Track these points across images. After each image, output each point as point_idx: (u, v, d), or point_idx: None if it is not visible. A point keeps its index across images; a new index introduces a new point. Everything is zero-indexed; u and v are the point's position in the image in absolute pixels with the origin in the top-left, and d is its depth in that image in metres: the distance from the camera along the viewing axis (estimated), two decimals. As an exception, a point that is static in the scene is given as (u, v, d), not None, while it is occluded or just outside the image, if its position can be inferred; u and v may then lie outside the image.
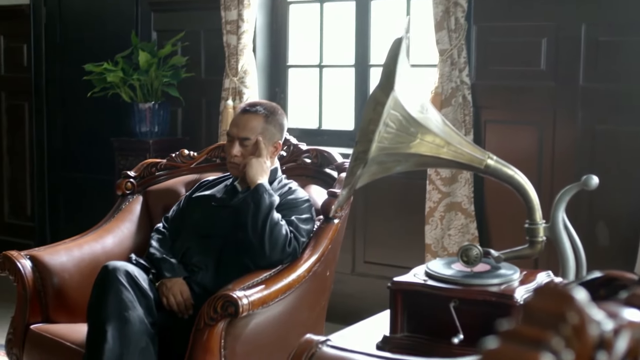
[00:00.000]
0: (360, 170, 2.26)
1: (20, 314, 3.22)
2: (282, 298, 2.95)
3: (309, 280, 3.09)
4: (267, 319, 2.97)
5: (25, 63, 5.88)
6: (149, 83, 4.92)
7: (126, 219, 3.60)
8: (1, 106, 6.04)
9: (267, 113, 3.22)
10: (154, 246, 3.20)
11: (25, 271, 3.21)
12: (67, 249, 3.37)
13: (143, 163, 3.78)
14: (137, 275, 2.94)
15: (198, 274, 3.10)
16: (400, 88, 2.25)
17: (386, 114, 2.22)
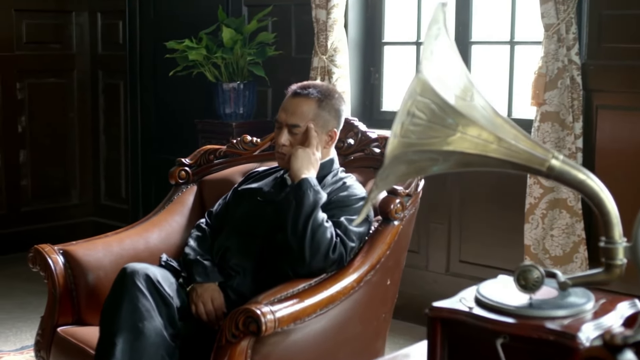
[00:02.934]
0: (381, 170, 1.81)
1: (50, 314, 2.94)
2: (323, 312, 2.53)
3: (362, 291, 2.67)
4: (307, 336, 2.56)
5: (120, 40, 5.67)
6: (234, 62, 4.57)
7: (177, 212, 3.26)
8: (98, 85, 5.86)
9: (320, 97, 2.79)
10: (190, 245, 2.85)
11: (56, 268, 2.91)
12: (106, 243, 3.07)
13: (200, 149, 3.43)
14: (159, 280, 2.59)
15: (235, 278, 2.73)
16: (431, 68, 1.79)
17: (410, 101, 1.76)
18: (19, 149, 5.61)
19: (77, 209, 5.91)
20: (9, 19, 5.48)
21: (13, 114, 5.57)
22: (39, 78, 5.67)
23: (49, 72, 5.73)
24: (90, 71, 5.86)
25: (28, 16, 5.57)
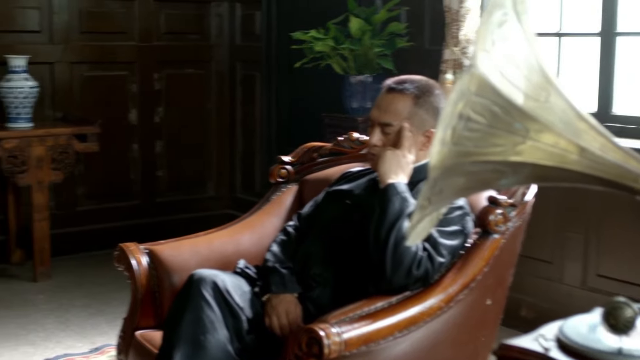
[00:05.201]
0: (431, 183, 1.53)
1: (131, 316, 2.81)
2: (403, 335, 2.26)
3: (453, 311, 2.37)
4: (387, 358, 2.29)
5: (257, 31, 5.55)
6: (363, 53, 4.33)
7: (274, 213, 3.07)
8: (236, 77, 5.77)
9: (417, 93, 2.51)
10: (272, 250, 2.64)
11: (140, 268, 2.78)
12: (194, 244, 2.91)
13: (303, 146, 3.22)
14: (229, 289, 2.39)
15: (315, 290, 2.50)
16: (491, 63, 1.49)
17: (462, 102, 1.47)
18: (156, 139, 5.60)
19: (213, 201, 5.85)
20: (149, 9, 5.47)
21: (151, 104, 5.56)
22: (177, 69, 5.64)
23: (187, 62, 5.69)
24: (228, 62, 5.77)
25: (168, 7, 5.54)
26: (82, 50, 5.27)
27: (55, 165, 4.78)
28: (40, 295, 4.60)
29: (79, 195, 5.35)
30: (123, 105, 5.46)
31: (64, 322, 4.17)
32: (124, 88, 5.46)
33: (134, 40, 5.45)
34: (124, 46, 5.41)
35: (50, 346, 3.87)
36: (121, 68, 5.43)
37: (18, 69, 4.77)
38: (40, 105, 4.96)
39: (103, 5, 5.33)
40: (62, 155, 4.79)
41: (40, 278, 4.78)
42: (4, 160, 4.63)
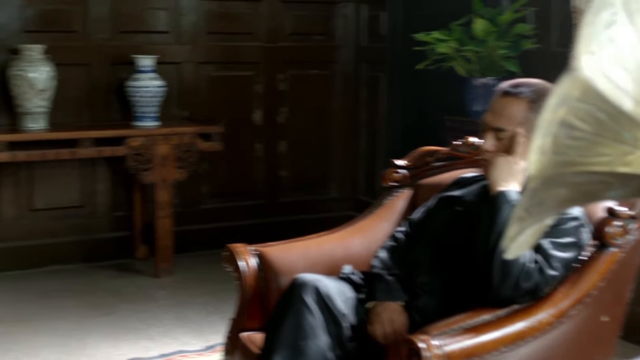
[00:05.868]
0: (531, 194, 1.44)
1: (238, 317, 2.80)
2: (509, 351, 2.16)
3: (564, 327, 2.26)
4: (492, 373, 2.20)
5: (382, 32, 5.49)
6: (487, 55, 4.22)
7: (385, 218, 3.01)
8: (361, 78, 5.73)
9: (533, 97, 2.40)
10: (379, 257, 2.59)
11: (248, 269, 2.77)
12: (304, 247, 2.88)
13: (418, 150, 3.14)
14: (331, 295, 2.35)
15: (421, 298, 2.42)
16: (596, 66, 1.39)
17: (564, 108, 1.38)
18: (279, 139, 5.63)
19: (335, 202, 5.83)
20: (275, 10, 5.50)
21: (275, 104, 5.59)
22: (302, 69, 5.65)
23: (312, 63, 5.69)
24: (353, 63, 5.74)
25: (294, 8, 5.56)
26: (209, 50, 5.35)
27: (180, 164, 4.86)
28: (162, 291, 4.69)
29: (202, 193, 5.43)
30: (247, 105, 5.51)
31: (182, 319, 4.23)
32: (249, 88, 5.50)
33: (260, 40, 5.49)
34: (249, 47, 5.46)
35: (167, 342, 3.93)
36: (246, 68, 5.48)
37: (146, 69, 4.88)
38: (167, 104, 5.06)
39: (230, 6, 5.39)
40: (186, 153, 4.87)
41: (162, 274, 4.87)
42: (130, 158, 4.74)
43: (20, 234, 4.99)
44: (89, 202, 5.15)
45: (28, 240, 5.00)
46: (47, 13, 4.92)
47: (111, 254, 5.14)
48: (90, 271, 4.97)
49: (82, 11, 4.99)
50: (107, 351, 3.80)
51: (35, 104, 4.66)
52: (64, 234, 5.07)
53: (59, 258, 5.03)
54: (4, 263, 4.90)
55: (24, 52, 4.65)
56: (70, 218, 5.11)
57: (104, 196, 5.17)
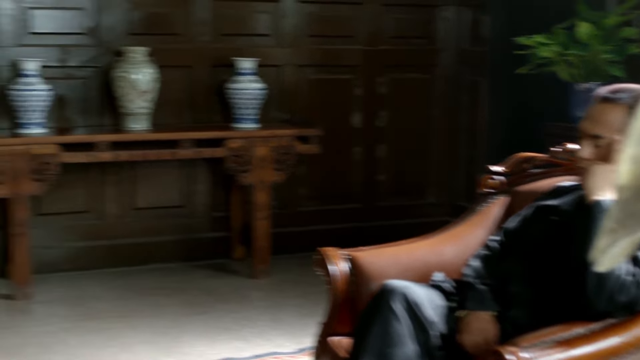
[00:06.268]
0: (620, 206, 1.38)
1: (328, 321, 2.79)
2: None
3: (663, 344, 2.17)
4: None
5: (483, 35, 5.41)
6: (591, 60, 4.10)
7: (480, 225, 2.95)
8: (461, 82, 5.65)
9: (632, 103, 2.32)
10: (471, 265, 2.54)
11: (339, 274, 2.76)
12: (395, 253, 2.86)
13: (515, 156, 3.08)
14: (420, 302, 2.32)
15: (513, 309, 2.36)
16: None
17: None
18: (378, 143, 5.60)
19: (433, 208, 5.77)
20: (376, 13, 5.48)
21: (374, 108, 5.57)
22: (402, 73, 5.61)
23: (412, 67, 5.65)
24: (454, 67, 5.67)
25: (395, 11, 5.53)
26: (309, 53, 5.37)
27: (278, 166, 4.89)
28: (257, 292, 4.73)
29: (300, 195, 5.45)
30: (346, 108, 5.51)
31: (276, 320, 4.25)
32: (348, 91, 5.50)
33: (360, 44, 5.48)
34: (349, 50, 5.46)
35: (260, 343, 3.95)
36: (346, 71, 5.48)
37: (246, 71, 4.93)
38: (267, 106, 5.10)
39: (331, 10, 5.40)
40: (284, 156, 4.89)
41: (258, 275, 4.91)
42: (229, 160, 4.79)
43: (123, 232, 5.11)
44: (189, 202, 5.24)
45: (130, 239, 5.11)
46: (152, 16, 5.02)
47: (209, 253, 5.21)
48: (188, 270, 5.05)
49: (185, 14, 5.08)
50: (200, 350, 3.84)
51: (138, 105, 4.76)
52: (164, 233, 5.17)
53: (159, 256, 5.13)
54: (106, 260, 5.03)
55: (128, 54, 4.76)
56: (171, 217, 5.20)
57: (204, 196, 5.25)
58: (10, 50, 4.73)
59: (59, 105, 4.82)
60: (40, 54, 4.72)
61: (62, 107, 4.86)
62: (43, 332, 4.07)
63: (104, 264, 5.01)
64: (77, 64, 4.89)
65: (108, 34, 4.92)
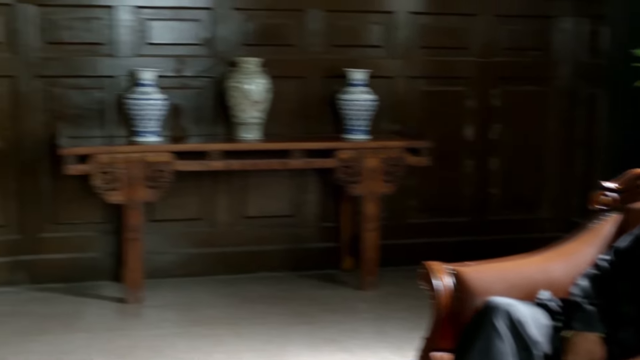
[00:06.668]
0: None
1: (431, 336, 2.76)
2: None
3: None
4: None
5: (603, 47, 5.26)
6: None
7: (590, 243, 2.87)
8: (578, 95, 5.51)
9: None
10: (578, 284, 2.47)
11: (443, 289, 2.73)
12: (501, 269, 2.80)
13: (630, 172, 2.98)
14: (524, 321, 2.27)
15: (622, 330, 2.28)
16: None
17: None
18: (491, 156, 5.52)
19: (547, 223, 5.64)
20: (490, 25, 5.41)
21: (487, 120, 5.49)
22: (516, 85, 5.51)
23: (527, 79, 5.54)
24: (571, 80, 5.53)
25: (510, 22, 5.44)
26: (421, 65, 5.34)
27: (387, 177, 4.88)
28: (364, 303, 4.72)
29: (409, 207, 5.42)
30: (458, 121, 5.45)
31: (382, 333, 4.22)
32: (460, 103, 5.44)
33: (473, 55, 5.41)
34: (462, 61, 5.40)
35: (365, 355, 3.94)
36: (458, 83, 5.42)
37: (358, 82, 4.94)
38: (377, 118, 5.09)
39: (444, 21, 5.35)
40: (394, 167, 4.88)
41: (366, 287, 4.90)
42: (339, 170, 4.80)
43: (233, 240, 5.18)
44: (299, 212, 5.27)
45: (240, 247, 5.18)
46: (265, 27, 5.09)
47: (317, 263, 5.23)
48: (296, 279, 5.09)
49: (298, 25, 5.12)
50: (305, 360, 3.87)
51: (250, 115, 4.83)
52: (274, 242, 5.22)
53: (268, 265, 5.19)
54: (216, 267, 5.11)
55: (242, 64, 4.83)
56: (280, 227, 5.24)
57: (313, 206, 5.28)
58: (129, 60, 4.87)
59: (173, 115, 4.93)
60: (156, 64, 4.84)
61: (176, 116, 4.97)
62: (153, 335, 4.16)
63: (213, 271, 5.09)
64: (192, 74, 4.99)
65: (223, 45, 5.01)
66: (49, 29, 4.79)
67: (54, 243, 4.92)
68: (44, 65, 4.81)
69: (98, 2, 4.84)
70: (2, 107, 4.77)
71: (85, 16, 4.83)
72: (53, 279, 4.90)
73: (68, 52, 4.84)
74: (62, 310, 4.51)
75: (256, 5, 5.06)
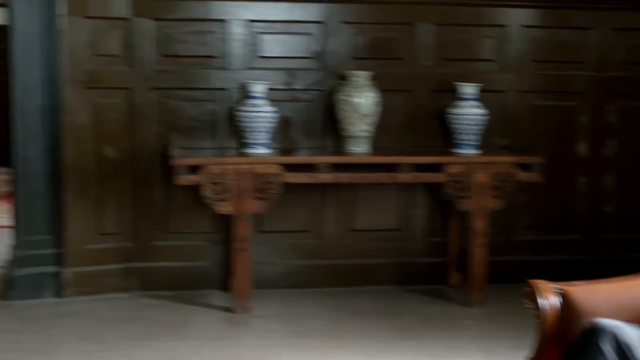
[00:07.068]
0: None
1: (536, 357, 2.70)
2: None
3: None
4: None
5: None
6: None
7: None
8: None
9: None
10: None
11: (549, 308, 2.67)
12: (610, 290, 2.73)
13: None
14: (631, 344, 2.22)
15: None
16: None
17: None
18: (605, 173, 5.38)
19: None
20: (606, 38, 5.28)
21: (601, 137, 5.35)
22: (632, 100, 5.36)
23: (639, 94, 5.40)
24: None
25: (627, 35, 5.30)
26: (533, 79, 5.26)
27: (497, 193, 4.81)
28: (470, 320, 4.66)
29: (519, 224, 5.33)
30: (571, 137, 5.33)
31: (487, 352, 4.16)
32: (574, 119, 5.32)
33: (587, 70, 5.29)
34: (575, 76, 5.29)
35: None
36: (571, 98, 5.31)
37: (468, 97, 4.89)
38: (487, 132, 5.03)
39: (558, 34, 5.26)
40: (503, 183, 4.81)
41: (473, 303, 4.84)
42: (448, 185, 4.76)
43: (340, 252, 5.20)
44: (406, 226, 5.25)
45: (346, 259, 5.20)
46: (375, 41, 5.10)
47: (424, 278, 5.21)
48: (402, 294, 5.07)
49: (408, 39, 5.12)
50: (408, 375, 3.84)
51: (359, 128, 4.84)
52: (381, 256, 5.22)
53: (374, 278, 5.19)
54: (323, 279, 5.14)
55: (352, 78, 4.86)
56: (388, 240, 5.23)
57: (421, 221, 5.25)
58: (240, 73, 4.95)
59: (283, 127, 4.99)
60: (267, 77, 4.91)
61: (286, 129, 5.03)
62: (259, 346, 4.21)
63: (320, 283, 5.12)
64: (302, 87, 5.04)
65: (332, 58, 5.05)
66: (164, 42, 4.92)
67: (165, 251, 5.04)
68: (159, 77, 4.94)
69: (212, 16, 4.95)
70: (119, 118, 4.92)
71: (199, 30, 4.94)
72: (163, 286, 5.01)
73: (182, 64, 4.96)
74: (172, 318, 4.60)
75: (366, 19, 5.08)
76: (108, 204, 4.96)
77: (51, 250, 4.90)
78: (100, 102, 4.89)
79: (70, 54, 4.79)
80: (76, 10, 4.77)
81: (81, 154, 4.87)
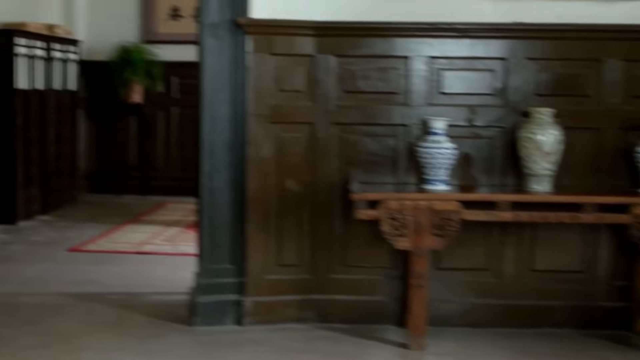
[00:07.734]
0: None
1: None
2: None
3: None
4: None
5: None
6: None
7: None
8: None
9: None
10: None
11: None
12: None
13: None
14: None
15: None
16: None
17: None
18: None
19: None
20: None
21: None
22: None
23: None
24: None
25: None
26: None
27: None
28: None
29: None
30: None
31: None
32: None
33: None
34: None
35: None
36: None
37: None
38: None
39: None
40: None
41: (655, 352, 4.62)
42: (634, 227, 4.59)
43: (518, 292, 5.09)
44: (589, 268, 5.08)
45: (524, 300, 5.08)
46: (559, 77, 4.99)
47: (606, 323, 5.01)
48: (580, 338, 4.89)
49: (594, 75, 4.97)
50: None
51: (541, 167, 4.75)
52: (560, 298, 5.06)
53: (552, 321, 5.04)
54: (500, 319, 5.03)
55: (535, 115, 4.77)
56: (568, 282, 5.08)
57: (604, 263, 5.07)
58: (421, 109, 4.97)
59: (463, 164, 4.96)
60: (448, 113, 4.91)
61: (466, 166, 4.99)
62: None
63: (495, 323, 5.01)
64: (483, 123, 5.00)
65: (515, 95, 4.98)
66: (346, 78, 5.01)
67: (343, 284, 5.09)
68: (341, 113, 5.02)
69: (395, 53, 4.99)
70: (301, 152, 5.03)
71: (382, 66, 5.00)
72: (339, 319, 5.06)
73: (364, 100, 5.02)
74: (346, 351, 4.63)
75: (550, 55, 4.98)
76: (288, 236, 5.07)
77: (233, 279, 5.06)
78: (283, 136, 5.03)
79: (256, 89, 4.96)
80: (263, 47, 4.94)
81: (264, 186, 5.01)
